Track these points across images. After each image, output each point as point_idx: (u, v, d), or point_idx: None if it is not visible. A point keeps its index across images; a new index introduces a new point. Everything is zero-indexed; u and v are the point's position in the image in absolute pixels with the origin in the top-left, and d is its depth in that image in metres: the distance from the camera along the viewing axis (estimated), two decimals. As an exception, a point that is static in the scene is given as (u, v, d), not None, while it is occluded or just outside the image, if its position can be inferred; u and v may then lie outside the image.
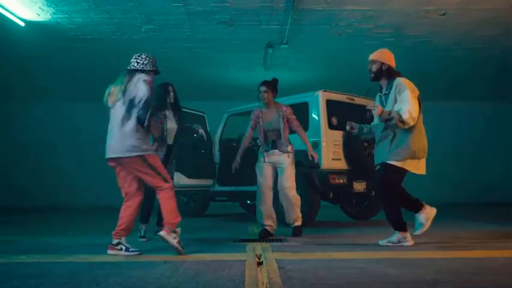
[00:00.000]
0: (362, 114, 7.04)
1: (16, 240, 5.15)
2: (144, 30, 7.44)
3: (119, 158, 3.83)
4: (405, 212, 4.26)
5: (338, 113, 6.55)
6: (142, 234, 5.10)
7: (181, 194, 8.44)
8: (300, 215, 5.25)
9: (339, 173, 6.29)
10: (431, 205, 4.28)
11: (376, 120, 4.46)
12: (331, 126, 6.43)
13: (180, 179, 7.46)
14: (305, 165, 6.32)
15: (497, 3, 6.51)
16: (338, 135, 6.44)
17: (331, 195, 6.62)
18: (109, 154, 3.87)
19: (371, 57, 4.42)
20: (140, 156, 3.81)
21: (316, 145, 6.35)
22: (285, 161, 5.17)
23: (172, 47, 8.29)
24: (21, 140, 12.40)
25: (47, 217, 8.95)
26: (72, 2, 6.36)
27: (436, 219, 4.32)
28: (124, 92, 3.92)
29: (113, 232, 3.97)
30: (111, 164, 3.93)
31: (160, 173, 3.91)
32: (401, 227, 4.30)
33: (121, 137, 3.81)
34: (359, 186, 6.45)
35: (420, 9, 6.69)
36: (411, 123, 4.09)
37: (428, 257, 3.67)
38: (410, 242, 4.26)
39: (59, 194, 12.10)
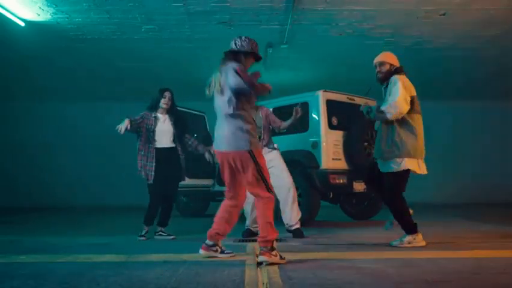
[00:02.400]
0: (362, 115, 7.07)
1: (16, 240, 5.14)
2: (144, 30, 7.44)
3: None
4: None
5: (338, 113, 6.56)
6: (143, 233, 5.11)
7: (181, 194, 8.44)
8: (300, 214, 5.25)
9: (339, 173, 6.29)
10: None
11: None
12: (331, 126, 6.43)
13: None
14: (305, 165, 6.34)
15: (497, 3, 6.51)
16: (338, 135, 6.45)
17: (331, 195, 6.62)
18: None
19: (379, 59, 4.50)
20: None
21: (316, 145, 6.36)
22: (277, 159, 5.22)
23: (172, 47, 8.29)
24: (22, 140, 12.41)
25: (47, 217, 8.95)
26: (72, 2, 6.36)
27: (436, 219, 4.33)
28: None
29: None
30: None
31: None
32: (411, 229, 4.28)
33: None
34: (359, 186, 6.45)
35: (420, 9, 6.69)
36: (393, 113, 4.14)
37: (428, 257, 3.67)
38: (421, 243, 4.25)
39: (59, 194, 12.09)
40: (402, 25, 7.32)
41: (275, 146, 5.29)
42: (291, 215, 5.14)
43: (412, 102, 4.23)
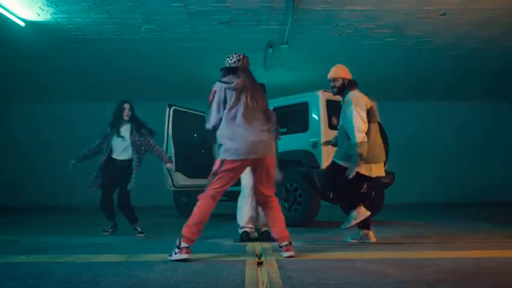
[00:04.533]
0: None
1: (16, 240, 5.15)
2: (144, 30, 7.44)
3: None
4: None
5: (338, 113, 6.54)
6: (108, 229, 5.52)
7: (181, 194, 8.44)
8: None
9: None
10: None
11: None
12: (331, 126, 6.44)
13: (180, 179, 7.46)
14: (305, 165, 6.33)
15: (497, 3, 6.51)
16: (338, 135, 6.44)
17: (331, 195, 6.62)
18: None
19: (332, 75, 4.75)
20: None
21: (316, 145, 6.36)
22: None
23: (172, 47, 8.29)
24: (21, 140, 12.40)
25: (47, 217, 8.95)
26: (72, 2, 6.36)
27: (436, 219, 4.33)
28: None
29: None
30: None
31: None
32: (364, 225, 4.54)
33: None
34: (359, 187, 6.44)
35: (420, 9, 6.69)
36: (363, 137, 4.34)
37: (428, 257, 3.67)
38: (372, 239, 4.49)
39: (59, 194, 12.09)
40: (402, 25, 7.32)
41: None
42: (264, 220, 4.89)
43: (368, 113, 4.48)
